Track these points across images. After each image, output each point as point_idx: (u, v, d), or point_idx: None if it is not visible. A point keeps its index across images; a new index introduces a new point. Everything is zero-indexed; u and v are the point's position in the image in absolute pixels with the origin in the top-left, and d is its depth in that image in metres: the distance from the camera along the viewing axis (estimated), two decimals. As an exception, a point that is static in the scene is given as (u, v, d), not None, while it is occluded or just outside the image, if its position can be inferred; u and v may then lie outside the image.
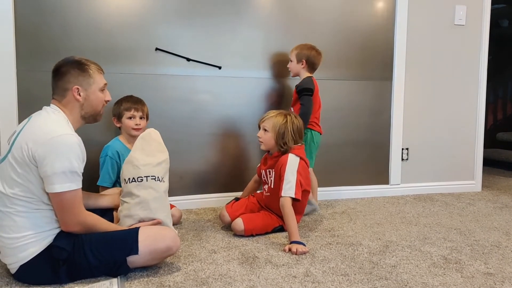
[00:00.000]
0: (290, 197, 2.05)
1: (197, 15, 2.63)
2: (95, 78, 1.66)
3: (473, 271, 1.73)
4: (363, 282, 1.61)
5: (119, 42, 2.49)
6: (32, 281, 1.56)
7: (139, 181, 1.75)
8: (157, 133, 1.88)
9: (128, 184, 1.76)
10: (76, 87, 1.62)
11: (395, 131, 3.10)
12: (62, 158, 1.48)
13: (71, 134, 1.53)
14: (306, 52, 2.59)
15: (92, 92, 1.65)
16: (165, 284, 1.58)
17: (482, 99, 3.29)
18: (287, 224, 2.03)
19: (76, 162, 1.51)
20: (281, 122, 2.16)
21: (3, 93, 2.29)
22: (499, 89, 5.09)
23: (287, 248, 1.94)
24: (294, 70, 2.63)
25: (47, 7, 2.35)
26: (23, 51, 2.32)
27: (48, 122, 1.55)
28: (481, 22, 3.23)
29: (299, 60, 2.59)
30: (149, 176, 1.76)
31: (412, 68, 3.11)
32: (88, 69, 1.64)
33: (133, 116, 2.29)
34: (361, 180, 3.07)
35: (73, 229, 1.56)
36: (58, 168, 1.47)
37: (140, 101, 2.35)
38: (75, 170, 1.51)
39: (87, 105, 1.66)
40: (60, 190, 1.48)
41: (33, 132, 1.52)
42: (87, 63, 1.66)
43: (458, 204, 2.88)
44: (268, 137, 2.19)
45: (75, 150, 1.51)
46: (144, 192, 1.74)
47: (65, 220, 1.54)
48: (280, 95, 2.85)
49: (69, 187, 1.50)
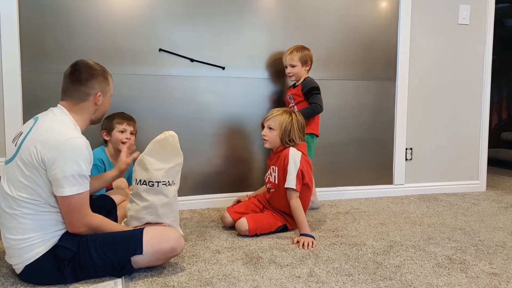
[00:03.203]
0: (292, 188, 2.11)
1: (200, 16, 2.63)
2: (111, 85, 1.75)
3: (478, 271, 1.72)
4: (367, 282, 1.61)
5: (123, 43, 2.50)
6: (37, 281, 1.56)
7: (150, 185, 1.76)
8: (176, 138, 1.83)
9: (139, 186, 1.77)
10: (99, 93, 1.67)
11: (398, 131, 3.09)
12: (72, 162, 1.49)
13: (79, 137, 1.55)
14: (307, 52, 2.59)
15: (106, 99, 1.73)
16: (169, 284, 1.58)
17: (487, 98, 3.28)
18: (296, 217, 2.11)
19: (85, 166, 1.52)
20: (287, 120, 2.18)
21: (8, 95, 2.30)
22: (504, 89, 5.06)
23: (295, 240, 2.02)
24: (299, 74, 2.60)
25: (51, 8, 2.36)
26: (28, 52, 2.33)
27: (56, 125, 1.56)
28: (485, 22, 3.22)
29: (304, 63, 2.58)
30: (160, 181, 1.76)
31: (416, 68, 3.10)
32: (108, 77, 1.73)
33: (124, 130, 2.31)
34: (365, 180, 3.06)
35: (79, 231, 1.57)
36: (68, 172, 1.48)
37: (131, 117, 2.38)
38: (84, 173, 1.52)
39: (100, 110, 1.72)
40: (69, 194, 1.50)
41: (41, 134, 1.52)
42: (104, 70, 1.72)
43: (463, 204, 2.87)
44: (274, 135, 2.20)
45: (84, 153, 1.53)
46: (154, 197, 1.76)
47: (72, 222, 1.55)
48: (283, 96, 2.84)
49: (77, 190, 1.51)
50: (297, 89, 2.61)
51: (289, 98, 2.66)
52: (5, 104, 2.30)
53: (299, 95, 2.58)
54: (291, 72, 2.60)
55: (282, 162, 2.18)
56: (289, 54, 2.59)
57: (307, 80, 2.57)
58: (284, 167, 2.16)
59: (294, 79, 2.64)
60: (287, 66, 2.61)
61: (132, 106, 2.53)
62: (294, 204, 2.11)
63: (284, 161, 2.16)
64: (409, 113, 3.11)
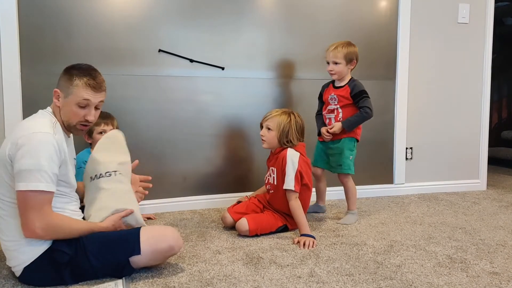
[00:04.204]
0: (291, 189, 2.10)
1: (200, 16, 2.63)
2: (76, 90, 1.55)
3: (479, 271, 1.72)
4: (367, 282, 1.61)
5: (122, 44, 2.50)
6: (37, 283, 1.56)
7: (107, 175, 1.71)
8: (122, 135, 1.87)
9: (96, 180, 1.71)
10: (56, 89, 1.60)
11: (399, 130, 3.09)
12: (31, 155, 1.41)
13: (46, 132, 1.47)
14: (354, 49, 2.36)
15: (68, 103, 1.57)
16: (170, 285, 1.58)
17: (487, 97, 3.27)
18: (295, 217, 2.11)
19: (45, 162, 1.43)
20: (285, 121, 2.18)
21: (7, 96, 2.30)
22: (504, 87, 5.06)
23: (296, 240, 2.02)
24: (342, 73, 2.36)
25: (50, 9, 2.36)
26: (27, 54, 2.33)
27: (29, 122, 1.55)
28: (485, 20, 3.22)
29: (350, 61, 2.35)
30: (117, 171, 1.74)
31: (416, 67, 3.10)
32: (73, 79, 1.56)
33: (103, 130, 2.25)
34: (365, 180, 3.06)
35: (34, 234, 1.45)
36: (24, 165, 1.41)
37: (109, 115, 2.31)
38: (44, 169, 1.42)
39: (63, 113, 1.59)
40: (24, 189, 1.41)
41: (13, 132, 1.52)
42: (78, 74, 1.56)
43: (463, 203, 2.87)
44: (272, 135, 2.20)
45: (47, 149, 1.45)
46: (115, 185, 1.70)
47: (26, 222, 1.44)
48: (284, 96, 2.84)
49: (35, 187, 1.41)
50: (343, 91, 2.38)
51: (330, 99, 2.41)
52: (5, 104, 2.30)
53: (347, 97, 2.36)
54: (334, 70, 2.36)
55: (280, 163, 2.18)
56: (333, 50, 2.35)
57: (356, 83, 2.37)
58: (282, 168, 2.15)
59: (336, 78, 2.40)
60: (329, 63, 2.37)
61: (132, 107, 2.53)
62: (294, 205, 2.11)
63: (282, 162, 2.16)
64: (409, 112, 3.11)
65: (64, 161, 1.54)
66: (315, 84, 2.74)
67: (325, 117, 2.46)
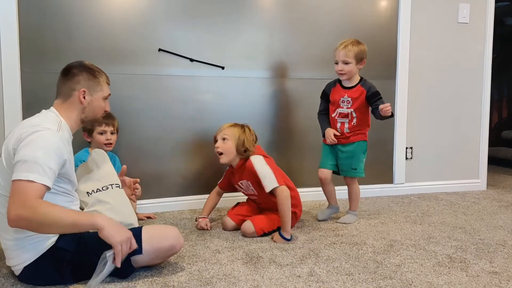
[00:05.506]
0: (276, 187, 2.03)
1: (200, 15, 2.63)
2: (103, 86, 1.70)
3: (478, 270, 1.72)
4: (367, 282, 1.61)
5: (122, 43, 2.50)
6: (36, 282, 1.56)
7: (104, 189, 1.78)
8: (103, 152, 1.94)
9: (94, 194, 1.77)
10: (83, 89, 1.64)
11: (399, 130, 3.09)
12: (27, 147, 1.42)
13: (49, 129, 1.49)
14: (364, 48, 2.27)
15: (96, 99, 1.68)
16: (169, 284, 1.58)
17: (487, 97, 3.27)
18: (281, 213, 2.03)
19: (41, 154, 1.41)
20: (240, 130, 2.18)
21: (7, 95, 2.30)
22: (504, 87, 5.06)
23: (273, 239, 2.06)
24: (352, 73, 2.27)
25: (50, 8, 2.36)
26: (27, 52, 2.33)
27: (33, 120, 1.56)
28: (485, 20, 3.22)
29: (360, 60, 2.26)
30: (113, 184, 1.81)
31: (416, 66, 3.10)
32: (98, 76, 1.69)
33: (104, 131, 2.26)
34: (365, 179, 3.03)
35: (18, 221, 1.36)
36: (19, 156, 1.41)
37: (110, 115, 2.28)
38: (38, 162, 1.39)
39: (89, 109, 1.67)
40: (15, 178, 1.37)
41: (17, 129, 1.52)
42: (99, 71, 1.71)
43: (463, 203, 2.87)
44: (228, 145, 2.15)
45: (46, 143, 1.45)
46: (113, 199, 1.78)
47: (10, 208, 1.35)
48: (283, 95, 2.84)
49: (26, 177, 1.36)
50: (356, 92, 2.30)
51: (342, 101, 2.31)
52: (5, 104, 2.30)
53: (361, 98, 2.28)
54: (344, 69, 2.25)
55: (251, 174, 2.12)
56: (343, 49, 2.24)
57: (369, 83, 2.30)
58: (255, 177, 2.10)
59: (345, 78, 2.30)
60: (338, 62, 2.27)
61: (132, 106, 2.53)
62: (282, 200, 2.02)
63: (253, 172, 2.10)
64: (409, 112, 3.11)
65: (68, 159, 1.55)
66: (315, 83, 2.75)
67: (335, 121, 2.35)
